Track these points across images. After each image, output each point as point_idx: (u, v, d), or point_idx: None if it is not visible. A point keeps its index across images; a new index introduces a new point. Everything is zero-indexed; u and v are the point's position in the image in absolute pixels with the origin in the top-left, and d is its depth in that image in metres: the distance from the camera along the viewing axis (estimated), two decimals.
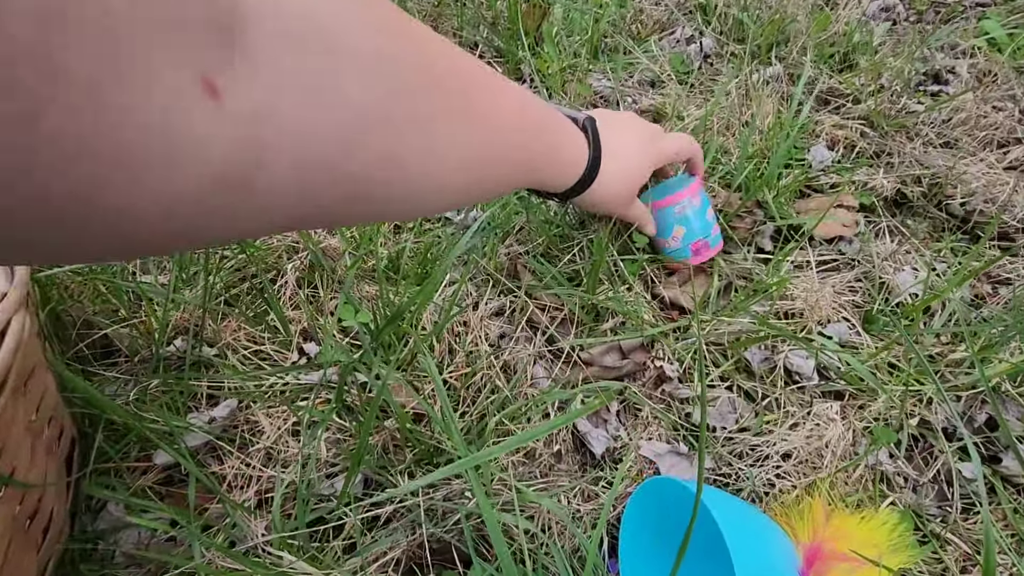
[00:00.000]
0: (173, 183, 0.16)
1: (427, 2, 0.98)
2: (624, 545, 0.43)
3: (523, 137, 0.37)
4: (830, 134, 0.77)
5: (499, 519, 0.41)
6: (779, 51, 0.89)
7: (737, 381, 0.55)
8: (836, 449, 0.48)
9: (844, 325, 0.59)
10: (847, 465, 0.48)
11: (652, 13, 0.97)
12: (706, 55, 0.89)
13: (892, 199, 0.72)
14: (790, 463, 0.48)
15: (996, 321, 0.56)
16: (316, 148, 0.20)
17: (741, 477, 0.49)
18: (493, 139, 0.32)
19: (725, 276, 0.63)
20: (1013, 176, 0.71)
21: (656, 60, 0.87)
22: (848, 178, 0.72)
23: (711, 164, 0.72)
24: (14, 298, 0.38)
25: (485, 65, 0.34)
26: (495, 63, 0.91)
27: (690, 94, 0.82)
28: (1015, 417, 0.52)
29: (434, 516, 0.46)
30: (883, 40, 0.92)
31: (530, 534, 0.44)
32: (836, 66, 0.88)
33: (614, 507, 0.46)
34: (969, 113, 0.78)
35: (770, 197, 0.68)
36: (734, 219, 0.68)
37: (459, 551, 0.44)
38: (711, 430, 0.52)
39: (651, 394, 0.54)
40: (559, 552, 0.43)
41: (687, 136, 0.58)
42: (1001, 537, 0.45)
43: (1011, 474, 0.49)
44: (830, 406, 0.52)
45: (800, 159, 0.75)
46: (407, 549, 0.45)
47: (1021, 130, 0.77)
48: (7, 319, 0.38)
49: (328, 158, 0.21)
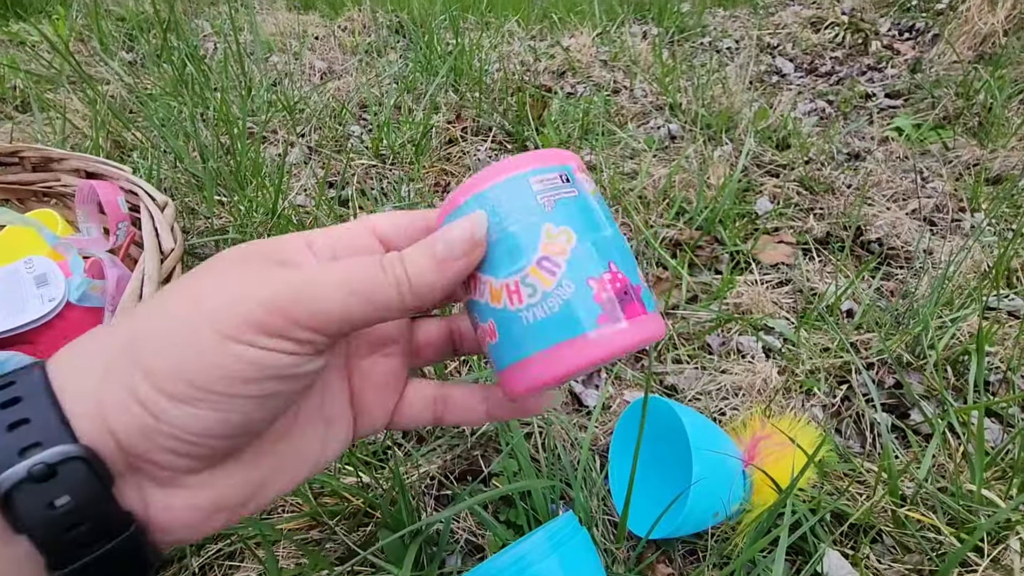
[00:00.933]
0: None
1: (452, 97, 1.24)
2: (614, 454, 0.56)
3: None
4: (771, 191, 0.98)
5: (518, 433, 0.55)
6: (729, 135, 1.13)
7: (702, 362, 0.69)
8: (777, 386, 0.62)
9: (784, 321, 0.74)
10: (780, 390, 0.62)
11: (631, 108, 1.23)
12: (673, 136, 1.13)
13: (823, 239, 0.91)
14: (738, 399, 0.62)
15: (891, 310, 0.72)
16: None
17: (702, 411, 0.62)
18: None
19: (692, 289, 0.79)
20: (909, 219, 0.90)
21: (634, 139, 1.10)
22: (787, 222, 0.91)
23: (677, 211, 0.91)
24: (178, 253, 0.55)
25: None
26: (506, 142, 1.14)
27: (659, 161, 1.04)
28: (916, 381, 0.66)
29: (463, 435, 0.58)
30: (811, 130, 1.16)
31: (542, 439, 0.57)
32: (774, 145, 1.11)
33: (604, 433, 0.59)
34: (879, 178, 1.00)
35: (725, 233, 0.87)
36: (696, 249, 0.86)
37: (484, 464, 0.57)
38: (680, 391, 0.65)
39: (632, 366, 0.69)
40: (563, 450, 0.56)
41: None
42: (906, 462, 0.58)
43: (916, 424, 0.63)
44: (772, 366, 0.66)
45: (748, 211, 0.95)
46: (443, 465, 0.57)
47: (916, 189, 0.98)
48: (173, 266, 0.54)
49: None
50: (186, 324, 0.18)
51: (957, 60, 1.33)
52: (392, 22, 1.62)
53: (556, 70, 1.39)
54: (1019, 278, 0.80)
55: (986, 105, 1.16)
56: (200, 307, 0.19)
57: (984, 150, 1.07)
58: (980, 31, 1.37)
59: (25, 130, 1.04)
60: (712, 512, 0.48)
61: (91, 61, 1.32)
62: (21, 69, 1.16)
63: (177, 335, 0.18)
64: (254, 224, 0.81)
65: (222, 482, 0.21)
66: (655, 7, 1.74)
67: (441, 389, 0.27)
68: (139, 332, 0.19)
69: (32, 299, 0.53)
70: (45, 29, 1.42)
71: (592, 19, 1.64)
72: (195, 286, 0.20)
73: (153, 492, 0.19)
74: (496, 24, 1.60)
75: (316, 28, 1.57)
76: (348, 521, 0.52)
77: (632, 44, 1.47)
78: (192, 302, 0.19)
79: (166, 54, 1.23)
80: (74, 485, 0.17)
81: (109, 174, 0.66)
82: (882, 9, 1.66)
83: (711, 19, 1.73)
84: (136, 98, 1.12)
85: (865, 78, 1.39)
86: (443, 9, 1.60)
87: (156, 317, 0.19)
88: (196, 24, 1.57)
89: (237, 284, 0.19)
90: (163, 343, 0.18)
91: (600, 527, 0.53)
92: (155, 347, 0.18)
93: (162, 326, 0.19)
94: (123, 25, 1.52)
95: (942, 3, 1.57)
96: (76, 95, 1.12)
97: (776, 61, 1.47)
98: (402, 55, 1.44)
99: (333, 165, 1.02)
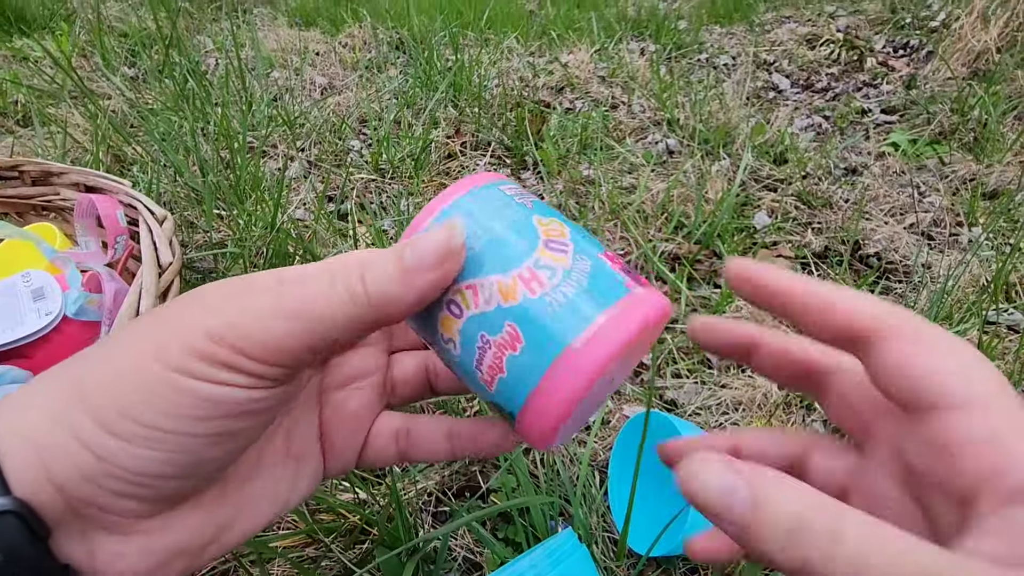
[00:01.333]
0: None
1: (451, 112, 1.25)
2: (613, 470, 0.56)
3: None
4: (769, 206, 0.98)
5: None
6: (727, 150, 1.13)
7: (702, 377, 0.69)
8: (777, 400, 0.62)
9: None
10: (781, 404, 0.61)
11: (629, 123, 1.24)
12: (671, 151, 1.13)
13: (821, 253, 0.91)
14: (738, 413, 0.62)
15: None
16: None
17: (702, 426, 0.62)
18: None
19: (691, 303, 0.79)
20: (907, 233, 0.91)
21: (632, 154, 1.10)
22: (785, 236, 0.92)
23: (675, 226, 0.91)
24: (176, 266, 0.55)
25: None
26: (505, 157, 1.15)
27: (658, 175, 1.05)
28: None
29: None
30: (808, 146, 1.17)
31: (540, 459, 0.56)
32: (772, 160, 1.12)
33: (604, 448, 0.59)
34: (876, 193, 1.00)
35: (723, 247, 0.87)
36: (695, 263, 0.86)
37: (481, 480, 0.56)
38: (680, 406, 0.65)
39: (632, 380, 0.68)
40: (562, 465, 0.55)
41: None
42: None
43: None
44: (772, 384, 0.66)
45: (746, 225, 0.95)
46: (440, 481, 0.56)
47: (913, 204, 0.98)
48: (171, 280, 0.54)
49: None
50: (133, 358, 0.17)
51: (951, 76, 1.35)
52: (392, 38, 1.64)
53: (555, 86, 1.40)
54: (1018, 292, 0.80)
55: (981, 121, 1.17)
56: (148, 340, 0.18)
57: (980, 165, 1.08)
58: (973, 48, 1.39)
59: (26, 144, 1.05)
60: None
61: (93, 76, 1.33)
62: (23, 84, 1.17)
63: (122, 370, 0.17)
64: (253, 238, 0.81)
65: (178, 525, 0.19)
66: (652, 24, 1.76)
67: (406, 421, 0.25)
68: (87, 369, 0.18)
69: (29, 313, 0.52)
70: (48, 45, 1.44)
71: (590, 36, 1.66)
72: (149, 319, 0.19)
73: (102, 540, 0.18)
74: (495, 41, 1.61)
75: (317, 44, 1.59)
76: (344, 538, 0.51)
77: (630, 60, 1.48)
78: (142, 335, 0.18)
79: (168, 69, 1.24)
80: (4, 540, 0.16)
81: (109, 188, 0.66)
82: (877, 27, 1.68)
83: (708, 36, 1.75)
84: (137, 113, 1.13)
85: (861, 94, 1.41)
86: (443, 26, 1.62)
87: (105, 353, 0.18)
88: (198, 40, 1.59)
89: (190, 315, 0.18)
90: (108, 378, 0.17)
91: (600, 544, 0.52)
92: (100, 383, 0.17)
93: (109, 363, 0.18)
94: (126, 41, 1.53)
95: (936, 21, 1.59)
96: (77, 110, 1.12)
97: (772, 77, 1.49)
98: (402, 71, 1.45)
99: (333, 179, 1.02)
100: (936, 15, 1.62)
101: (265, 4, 1.98)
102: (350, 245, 0.84)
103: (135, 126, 1.13)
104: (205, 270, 0.79)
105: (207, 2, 1.91)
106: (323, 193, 0.96)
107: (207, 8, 1.86)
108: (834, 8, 1.83)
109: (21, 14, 1.58)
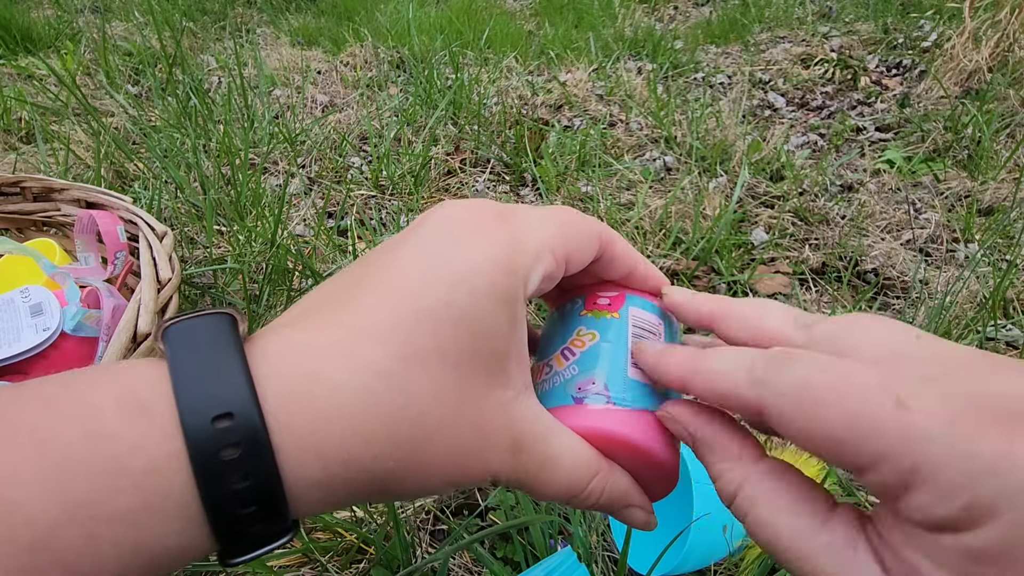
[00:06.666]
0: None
1: (451, 129, 1.26)
2: None
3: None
4: (766, 222, 0.99)
5: None
6: (724, 167, 1.14)
7: None
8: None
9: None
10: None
11: (627, 141, 1.25)
12: (668, 168, 1.14)
13: (819, 269, 0.91)
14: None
15: None
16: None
17: None
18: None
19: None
20: (903, 249, 0.91)
21: (630, 171, 1.11)
22: (783, 252, 0.92)
23: (673, 242, 0.92)
24: (175, 282, 0.55)
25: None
26: (504, 174, 1.15)
27: (656, 192, 1.05)
28: None
29: None
30: (804, 163, 1.18)
31: None
32: (768, 177, 1.13)
33: None
34: (873, 209, 1.01)
35: (721, 263, 0.87)
36: (693, 279, 0.86)
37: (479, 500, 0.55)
38: None
39: None
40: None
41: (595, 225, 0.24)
42: None
43: None
44: None
45: (744, 242, 0.95)
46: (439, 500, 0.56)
47: (910, 220, 0.99)
48: (170, 295, 0.54)
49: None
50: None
51: (944, 95, 1.37)
52: (393, 57, 1.66)
53: (553, 104, 1.42)
54: (1016, 308, 0.80)
55: (974, 138, 1.18)
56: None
57: (975, 182, 1.09)
58: (965, 67, 1.41)
59: (29, 160, 1.05)
60: (714, 548, 0.47)
61: (97, 94, 1.35)
62: (28, 101, 1.18)
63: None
64: (253, 253, 0.81)
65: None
66: (649, 44, 1.79)
67: None
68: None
69: (27, 328, 0.52)
70: (53, 63, 1.45)
71: (588, 55, 1.68)
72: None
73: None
74: (494, 60, 1.64)
75: (319, 63, 1.61)
76: (341, 558, 0.50)
77: (627, 79, 1.50)
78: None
79: (171, 87, 1.26)
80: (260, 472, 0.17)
81: (109, 204, 0.66)
82: (870, 47, 1.71)
83: (704, 55, 1.77)
84: (140, 130, 1.14)
85: (855, 112, 1.42)
86: (443, 45, 1.65)
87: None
88: (202, 59, 1.61)
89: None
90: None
91: (600, 564, 0.52)
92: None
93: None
94: (130, 60, 1.55)
95: (928, 41, 1.62)
96: (80, 127, 1.13)
97: (768, 96, 1.51)
98: (402, 89, 1.47)
99: (333, 196, 1.03)
100: (928, 35, 1.65)
101: (268, 24, 2.01)
102: (349, 261, 0.84)
103: (137, 143, 1.14)
104: (204, 285, 0.79)
105: (211, 22, 1.94)
106: (323, 209, 0.96)
107: (211, 28, 1.89)
108: (828, 29, 1.86)
109: (27, 33, 1.61)
